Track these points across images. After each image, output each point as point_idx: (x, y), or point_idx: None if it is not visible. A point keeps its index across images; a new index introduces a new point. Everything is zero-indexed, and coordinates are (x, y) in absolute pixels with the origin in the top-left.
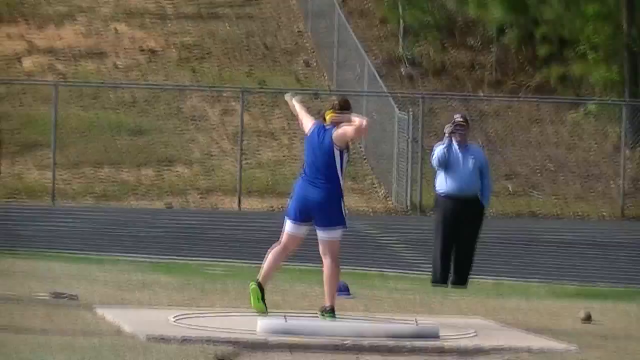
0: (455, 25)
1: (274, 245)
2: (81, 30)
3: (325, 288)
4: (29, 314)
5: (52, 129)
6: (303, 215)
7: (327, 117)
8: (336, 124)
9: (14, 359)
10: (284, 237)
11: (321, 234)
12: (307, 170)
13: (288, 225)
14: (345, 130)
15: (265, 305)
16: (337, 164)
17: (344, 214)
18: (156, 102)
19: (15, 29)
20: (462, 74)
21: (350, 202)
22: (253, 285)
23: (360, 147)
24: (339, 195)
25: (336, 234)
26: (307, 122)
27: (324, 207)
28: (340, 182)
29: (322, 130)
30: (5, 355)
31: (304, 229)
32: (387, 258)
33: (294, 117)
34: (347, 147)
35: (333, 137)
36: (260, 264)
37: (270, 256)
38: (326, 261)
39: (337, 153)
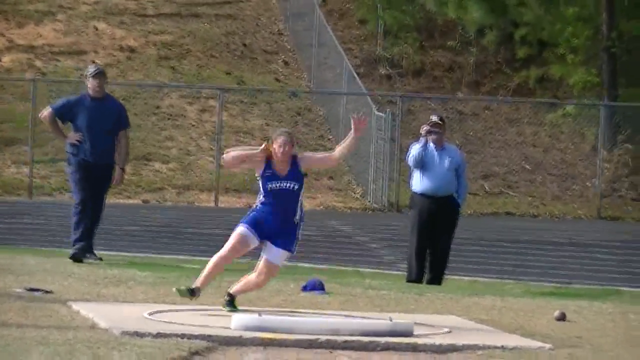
0: (435, 26)
1: None
2: (61, 28)
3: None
4: (4, 308)
5: (30, 126)
6: None
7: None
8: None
9: None
10: None
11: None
12: None
13: None
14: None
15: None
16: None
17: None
18: (135, 100)
19: None
20: (441, 74)
21: (328, 200)
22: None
23: None
24: None
25: None
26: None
27: None
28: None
29: None
30: None
31: None
32: (363, 256)
33: (272, 115)
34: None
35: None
36: (236, 260)
37: None
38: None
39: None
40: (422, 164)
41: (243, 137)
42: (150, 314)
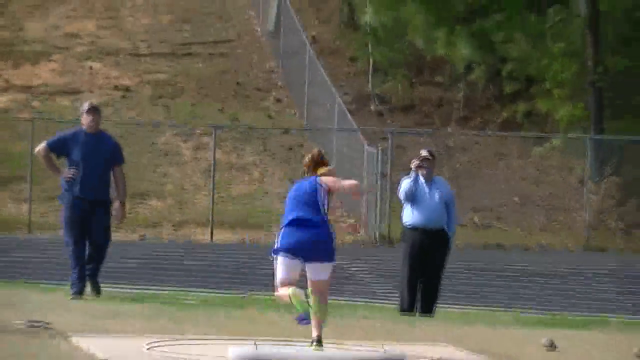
0: (424, 63)
1: None
2: (57, 68)
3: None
4: (4, 341)
5: (29, 164)
6: None
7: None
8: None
9: None
10: None
11: None
12: None
13: None
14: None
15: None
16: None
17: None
18: (130, 138)
19: None
20: (431, 110)
21: None
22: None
23: None
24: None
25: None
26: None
27: None
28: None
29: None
30: None
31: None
32: (356, 288)
33: (265, 151)
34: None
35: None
36: (228, 293)
37: None
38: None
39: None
40: (413, 197)
41: (237, 173)
42: (149, 345)
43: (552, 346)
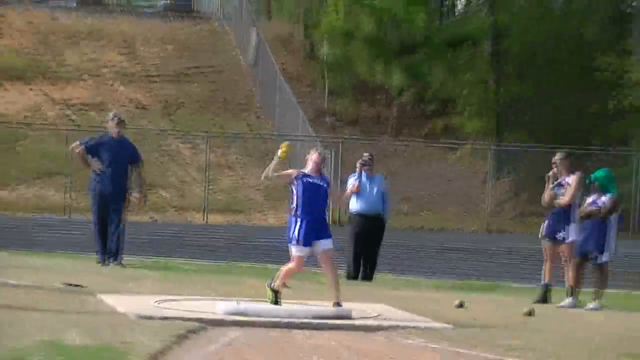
0: (367, 87)
1: None
2: (88, 87)
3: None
4: (45, 298)
5: (68, 162)
6: None
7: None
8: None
9: (33, 333)
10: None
11: None
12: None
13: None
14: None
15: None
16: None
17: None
18: (143, 142)
19: (35, 85)
20: (371, 123)
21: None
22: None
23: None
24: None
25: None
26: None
27: None
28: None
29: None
30: (25, 329)
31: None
32: (315, 260)
33: (245, 154)
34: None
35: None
36: (218, 262)
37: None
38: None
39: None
40: (358, 190)
41: (224, 170)
42: (157, 302)
43: (461, 306)
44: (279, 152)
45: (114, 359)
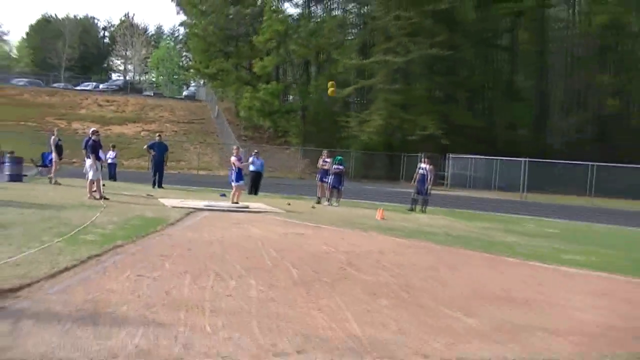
0: (272, 114)
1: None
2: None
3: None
4: (134, 200)
5: (145, 153)
6: None
7: None
8: None
9: (134, 212)
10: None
11: None
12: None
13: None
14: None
15: None
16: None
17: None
18: (171, 146)
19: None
20: (275, 138)
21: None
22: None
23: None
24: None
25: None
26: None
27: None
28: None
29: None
30: (130, 210)
31: None
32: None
33: (214, 152)
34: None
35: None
36: (214, 191)
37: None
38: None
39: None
40: (253, 162)
41: (206, 159)
42: (180, 201)
43: (289, 205)
44: (328, 91)
45: (164, 222)
